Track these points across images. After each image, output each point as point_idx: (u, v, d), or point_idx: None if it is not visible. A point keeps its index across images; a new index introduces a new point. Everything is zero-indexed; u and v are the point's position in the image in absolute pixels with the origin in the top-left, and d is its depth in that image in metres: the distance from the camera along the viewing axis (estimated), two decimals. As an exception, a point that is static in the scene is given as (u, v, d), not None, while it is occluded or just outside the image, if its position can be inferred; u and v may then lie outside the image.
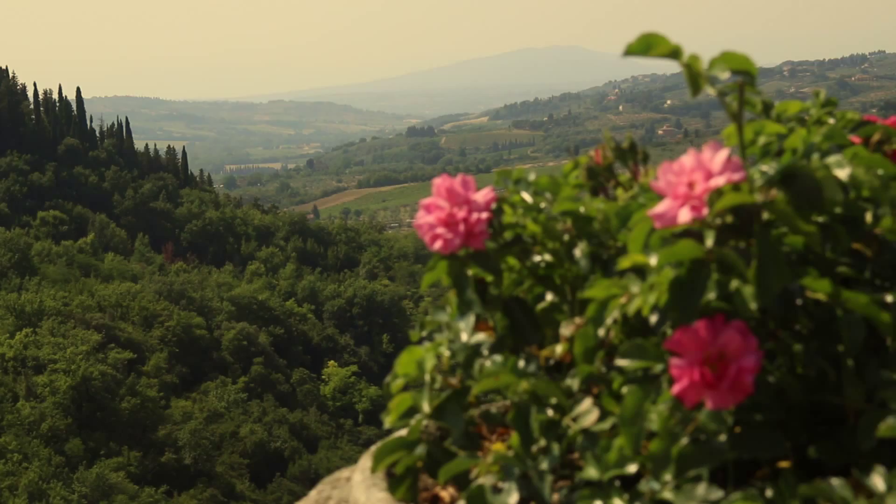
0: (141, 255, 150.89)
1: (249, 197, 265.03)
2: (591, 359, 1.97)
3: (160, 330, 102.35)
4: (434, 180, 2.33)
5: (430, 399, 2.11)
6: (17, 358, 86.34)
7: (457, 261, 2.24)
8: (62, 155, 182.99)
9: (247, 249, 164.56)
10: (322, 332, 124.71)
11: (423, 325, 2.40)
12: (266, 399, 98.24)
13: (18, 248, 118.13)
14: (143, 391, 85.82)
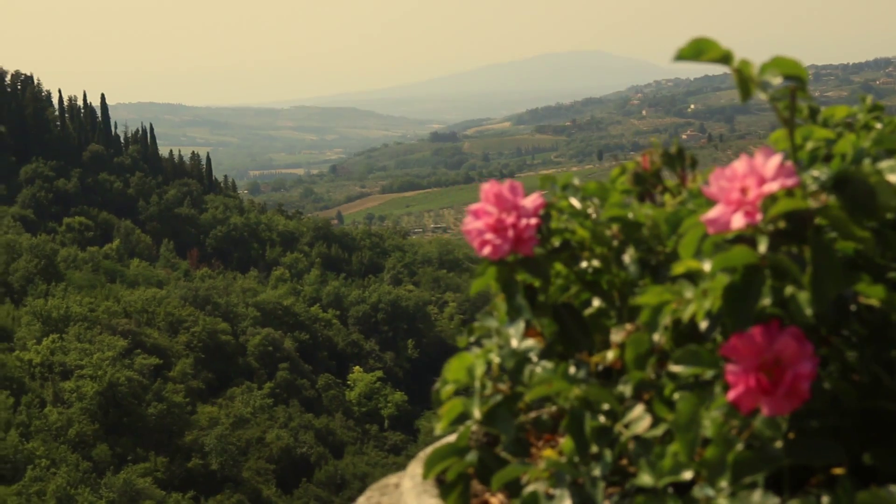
0: (166, 260, 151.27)
1: (273, 202, 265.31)
2: (642, 365, 1.96)
3: (186, 335, 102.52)
4: (482, 185, 2.26)
5: (480, 405, 2.09)
6: (44, 364, 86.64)
7: (506, 266, 2.21)
8: (87, 161, 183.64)
9: (271, 255, 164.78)
10: (347, 337, 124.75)
11: (471, 331, 2.40)
12: (292, 404, 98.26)
13: (45, 254, 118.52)
14: (169, 397, 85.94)
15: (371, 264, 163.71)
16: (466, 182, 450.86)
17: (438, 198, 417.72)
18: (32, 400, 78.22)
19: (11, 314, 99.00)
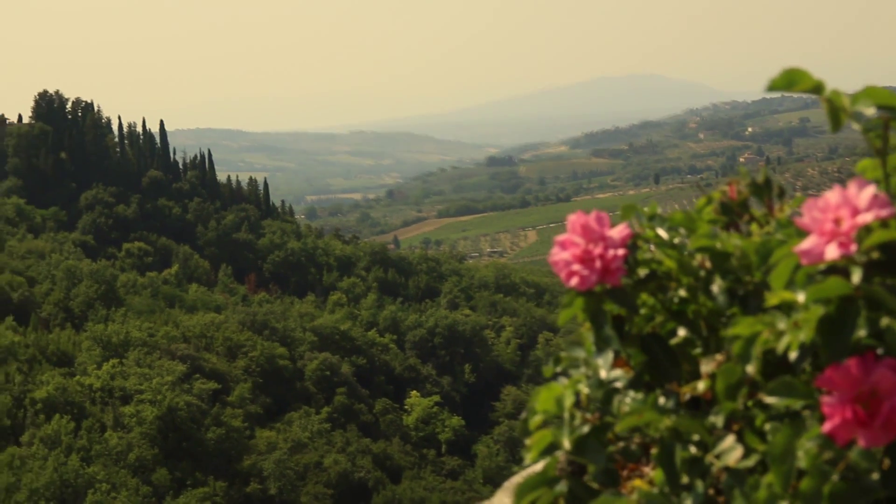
0: (224, 285, 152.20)
1: (330, 227, 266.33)
2: (734, 396, 1.96)
3: (244, 360, 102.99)
4: (569, 217, 2.29)
5: (570, 435, 2.10)
6: (104, 388, 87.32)
7: (593, 297, 2.23)
8: (146, 187, 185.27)
9: (328, 279, 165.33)
10: (404, 361, 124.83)
11: (557, 361, 2.37)
12: (349, 429, 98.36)
13: (105, 279, 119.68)
14: (227, 421, 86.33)
15: (428, 289, 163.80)
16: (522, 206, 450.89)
17: (495, 222, 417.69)
18: (93, 424, 78.82)
19: (72, 339, 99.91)
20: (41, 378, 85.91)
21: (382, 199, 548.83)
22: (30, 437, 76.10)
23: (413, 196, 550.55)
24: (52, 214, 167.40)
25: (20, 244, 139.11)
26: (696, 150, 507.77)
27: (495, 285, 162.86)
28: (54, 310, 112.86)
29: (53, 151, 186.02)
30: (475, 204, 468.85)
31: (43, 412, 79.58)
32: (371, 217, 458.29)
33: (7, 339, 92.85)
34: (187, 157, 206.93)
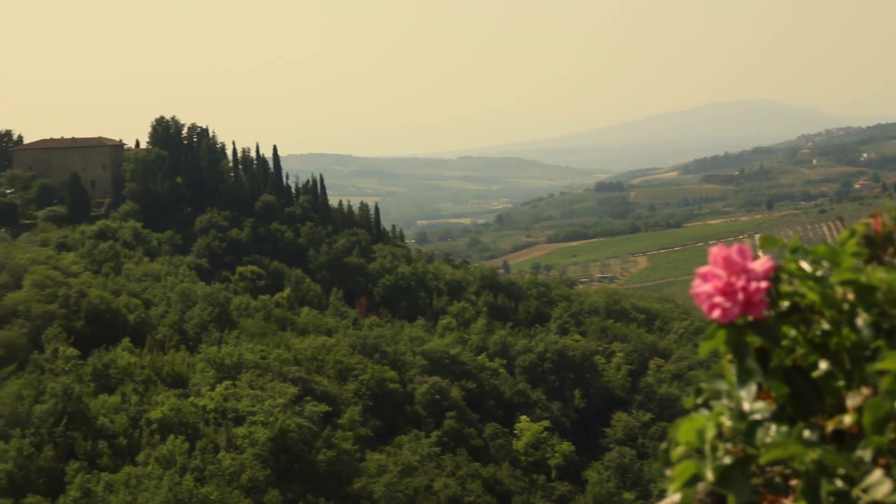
0: (335, 309, 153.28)
1: (440, 252, 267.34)
2: (881, 430, 1.96)
3: (355, 383, 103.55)
4: (710, 249, 2.25)
5: (712, 467, 2.11)
6: (217, 410, 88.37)
7: (735, 329, 2.22)
8: (259, 211, 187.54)
9: (438, 304, 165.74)
10: (514, 386, 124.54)
11: (699, 393, 2.39)
12: (459, 453, 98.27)
13: (218, 302, 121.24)
14: (338, 444, 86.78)
15: (537, 313, 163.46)
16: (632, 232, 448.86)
17: (604, 247, 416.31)
18: (207, 445, 79.76)
19: (187, 361, 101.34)
20: (156, 399, 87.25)
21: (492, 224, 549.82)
22: (145, 456, 77.25)
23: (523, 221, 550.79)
24: (168, 238, 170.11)
25: (137, 267, 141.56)
26: (810, 175, 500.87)
27: (605, 311, 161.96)
28: (169, 332, 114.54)
29: (169, 176, 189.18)
30: (585, 229, 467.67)
31: (158, 432, 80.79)
32: (481, 242, 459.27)
33: (123, 361, 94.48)
34: (299, 181, 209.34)
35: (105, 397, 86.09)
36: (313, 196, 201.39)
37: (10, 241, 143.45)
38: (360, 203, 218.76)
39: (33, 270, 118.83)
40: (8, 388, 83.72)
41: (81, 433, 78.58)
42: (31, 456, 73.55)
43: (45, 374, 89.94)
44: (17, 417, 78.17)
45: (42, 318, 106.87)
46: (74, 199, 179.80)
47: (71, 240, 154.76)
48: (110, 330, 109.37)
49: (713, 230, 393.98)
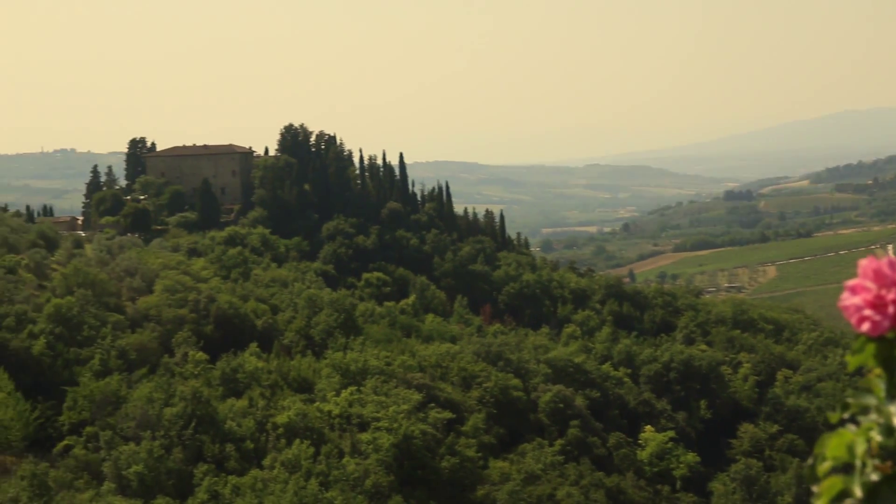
0: (460, 316, 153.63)
1: (565, 260, 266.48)
2: None
3: (478, 391, 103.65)
4: (860, 262, 2.22)
5: (861, 483, 2.06)
6: (342, 415, 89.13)
7: (885, 343, 2.19)
8: (385, 218, 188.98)
9: (563, 312, 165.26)
10: (638, 396, 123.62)
11: (845, 407, 2.33)
12: (583, 462, 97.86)
13: (344, 308, 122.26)
14: (462, 451, 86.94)
15: (663, 323, 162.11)
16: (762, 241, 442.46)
17: (732, 256, 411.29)
18: (332, 450, 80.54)
19: (313, 366, 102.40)
20: (283, 403, 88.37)
21: (618, 233, 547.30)
22: (271, 460, 78.27)
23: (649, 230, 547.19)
24: (295, 244, 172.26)
25: (264, 273, 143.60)
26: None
27: (733, 321, 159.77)
28: (296, 337, 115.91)
29: (297, 183, 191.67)
30: (712, 238, 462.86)
31: (284, 437, 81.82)
32: (606, 250, 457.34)
33: (251, 365, 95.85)
34: (425, 189, 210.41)
35: (233, 401, 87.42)
36: (439, 203, 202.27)
37: (142, 246, 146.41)
38: (486, 211, 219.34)
39: (164, 275, 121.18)
40: (139, 391, 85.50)
41: (209, 436, 79.88)
42: (161, 458, 74.99)
43: (175, 378, 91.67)
44: (148, 420, 79.77)
45: (172, 322, 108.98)
46: (205, 206, 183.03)
47: (201, 245, 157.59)
48: (238, 335, 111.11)
49: (845, 240, 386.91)
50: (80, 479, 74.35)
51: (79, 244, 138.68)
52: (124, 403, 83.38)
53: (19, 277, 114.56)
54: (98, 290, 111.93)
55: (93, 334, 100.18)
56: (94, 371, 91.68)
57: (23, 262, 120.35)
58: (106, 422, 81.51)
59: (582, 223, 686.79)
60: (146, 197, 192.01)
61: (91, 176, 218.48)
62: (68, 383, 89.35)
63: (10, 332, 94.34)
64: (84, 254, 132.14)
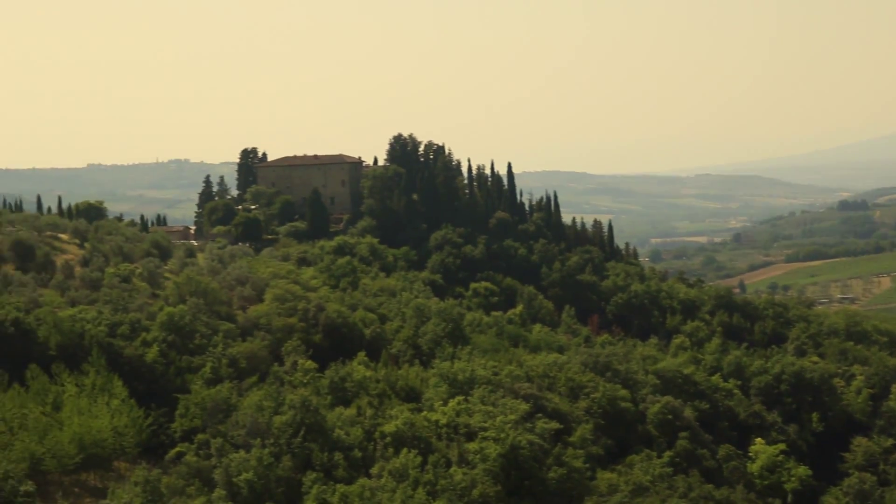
0: (567, 326, 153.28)
1: (674, 270, 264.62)
2: None
3: (586, 401, 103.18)
4: None
5: None
6: (450, 425, 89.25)
7: None
8: (493, 228, 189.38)
9: (672, 323, 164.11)
10: (748, 408, 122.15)
11: None
12: (691, 474, 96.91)
13: (452, 318, 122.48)
14: (569, 461, 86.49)
15: (774, 334, 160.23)
16: (876, 252, 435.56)
17: (846, 267, 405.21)
18: (439, 460, 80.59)
19: (420, 376, 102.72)
20: (390, 412, 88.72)
21: (728, 243, 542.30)
22: (379, 469, 78.56)
23: (760, 240, 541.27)
24: (404, 254, 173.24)
25: (373, 282, 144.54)
26: None
27: (846, 332, 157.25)
28: (403, 346, 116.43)
29: (406, 193, 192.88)
30: (825, 249, 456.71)
31: (392, 446, 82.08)
32: (716, 260, 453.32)
33: (359, 374, 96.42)
34: (533, 198, 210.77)
35: (341, 410, 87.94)
36: (547, 213, 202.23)
37: (253, 255, 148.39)
38: (594, 220, 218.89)
39: (274, 284, 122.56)
40: (249, 399, 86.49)
41: (318, 444, 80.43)
42: (271, 466, 75.66)
43: (285, 386, 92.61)
44: (258, 428, 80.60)
45: (282, 331, 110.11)
46: (314, 215, 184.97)
47: (310, 255, 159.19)
48: (347, 343, 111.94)
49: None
50: (192, 486, 75.36)
51: (191, 253, 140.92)
52: (235, 411, 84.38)
53: (133, 286, 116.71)
54: (210, 298, 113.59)
55: (204, 342, 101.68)
56: (205, 379, 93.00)
57: (137, 271, 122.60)
58: (217, 429, 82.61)
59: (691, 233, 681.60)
60: (257, 206, 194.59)
61: (203, 186, 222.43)
62: (180, 391, 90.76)
63: (125, 340, 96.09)
64: (196, 263, 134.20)
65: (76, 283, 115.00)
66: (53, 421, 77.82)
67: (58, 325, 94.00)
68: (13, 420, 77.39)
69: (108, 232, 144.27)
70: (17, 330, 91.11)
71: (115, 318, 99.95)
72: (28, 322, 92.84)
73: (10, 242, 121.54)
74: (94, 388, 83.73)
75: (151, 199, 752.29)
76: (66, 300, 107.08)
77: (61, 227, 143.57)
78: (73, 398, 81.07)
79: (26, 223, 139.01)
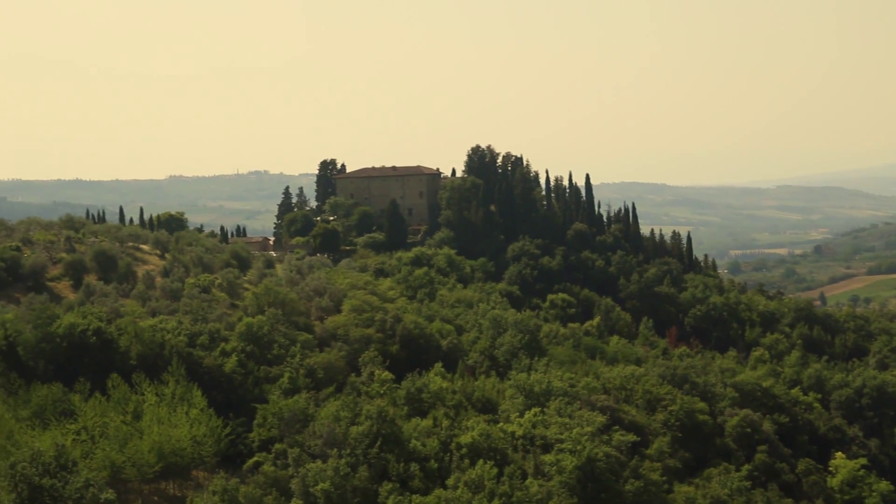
0: (645, 338, 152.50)
1: (754, 282, 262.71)
2: None
3: (663, 414, 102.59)
4: None
5: None
6: (526, 436, 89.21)
7: None
8: (571, 239, 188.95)
9: (751, 335, 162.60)
10: (829, 421, 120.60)
11: None
12: (770, 488, 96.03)
13: (528, 329, 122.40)
14: (646, 474, 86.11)
15: (855, 347, 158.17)
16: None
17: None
18: (515, 471, 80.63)
19: (496, 387, 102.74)
20: (466, 424, 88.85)
21: (809, 255, 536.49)
22: (455, 480, 78.73)
23: (842, 252, 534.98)
24: (481, 265, 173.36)
25: (450, 293, 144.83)
26: None
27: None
28: (480, 358, 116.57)
29: (483, 204, 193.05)
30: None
31: (468, 457, 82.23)
32: (796, 273, 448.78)
33: (436, 385, 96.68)
34: (611, 210, 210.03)
35: (417, 421, 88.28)
36: (625, 225, 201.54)
37: (331, 266, 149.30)
38: (673, 232, 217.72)
39: (352, 295, 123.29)
40: (327, 409, 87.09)
41: (394, 455, 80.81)
42: (347, 476, 76.16)
43: (362, 397, 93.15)
44: (335, 438, 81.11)
45: (359, 341, 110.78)
46: (392, 226, 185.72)
47: (388, 266, 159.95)
48: (423, 354, 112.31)
49: None
50: (269, 496, 76.09)
51: (270, 264, 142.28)
52: (312, 421, 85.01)
53: (213, 296, 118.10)
54: (288, 309, 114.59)
55: (282, 353, 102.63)
56: (283, 389, 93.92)
57: (216, 282, 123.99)
58: (294, 439, 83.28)
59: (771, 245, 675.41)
60: (335, 218, 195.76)
61: (283, 197, 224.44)
62: (258, 401, 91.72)
63: (204, 350, 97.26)
64: (275, 273, 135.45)
65: (157, 294, 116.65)
66: (134, 430, 78.98)
67: (139, 334, 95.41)
68: (95, 428, 78.71)
69: (189, 243, 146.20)
70: (99, 340, 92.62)
71: (194, 328, 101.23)
72: (110, 332, 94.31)
73: (93, 253, 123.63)
74: (173, 397, 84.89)
75: (231, 211, 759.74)
76: (146, 310, 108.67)
77: (143, 238, 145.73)
78: (153, 407, 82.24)
79: (109, 234, 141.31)
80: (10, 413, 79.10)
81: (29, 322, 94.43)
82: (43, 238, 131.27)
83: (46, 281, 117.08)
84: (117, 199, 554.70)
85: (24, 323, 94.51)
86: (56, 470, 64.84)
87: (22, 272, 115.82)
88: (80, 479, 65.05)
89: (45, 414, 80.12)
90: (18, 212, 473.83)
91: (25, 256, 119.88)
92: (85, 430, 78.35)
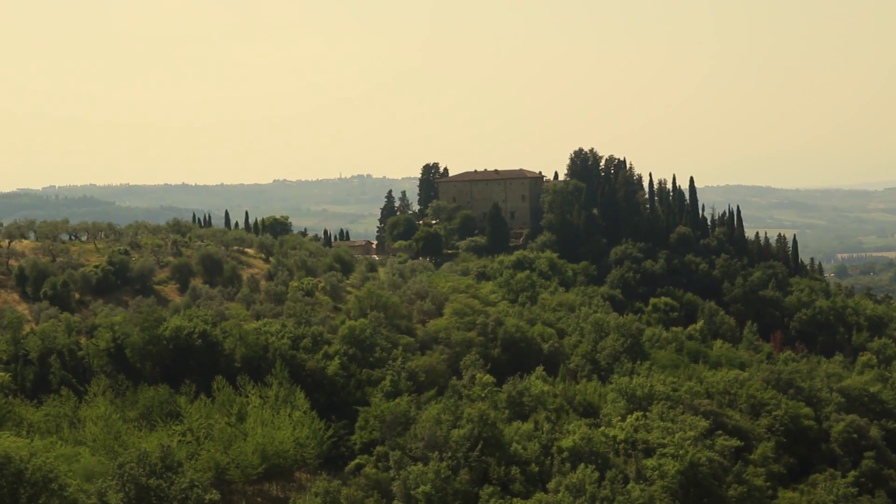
0: (749, 342, 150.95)
1: (861, 286, 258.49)
2: None
3: (768, 419, 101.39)
4: None
5: None
6: (627, 440, 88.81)
7: None
8: (674, 243, 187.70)
9: (858, 340, 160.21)
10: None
11: None
12: (878, 495, 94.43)
13: (631, 333, 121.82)
14: (750, 480, 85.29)
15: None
16: None
17: None
18: (616, 476, 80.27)
19: (598, 391, 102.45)
20: (568, 427, 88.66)
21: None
22: (556, 484, 78.60)
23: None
24: (583, 269, 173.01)
25: (552, 297, 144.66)
26: None
27: None
28: (581, 361, 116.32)
29: (586, 207, 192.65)
30: None
31: (569, 461, 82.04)
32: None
33: (537, 389, 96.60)
34: (715, 213, 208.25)
35: (518, 424, 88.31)
36: (729, 228, 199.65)
37: (433, 269, 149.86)
38: (778, 235, 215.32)
39: (454, 299, 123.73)
40: (428, 412, 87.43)
41: (495, 458, 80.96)
42: (448, 479, 76.45)
43: (463, 400, 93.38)
44: (436, 441, 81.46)
45: (461, 344, 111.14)
46: (494, 230, 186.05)
47: (490, 269, 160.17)
48: (524, 358, 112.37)
49: None
50: (371, 498, 76.70)
51: (372, 267, 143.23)
52: (413, 424, 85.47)
53: (316, 300, 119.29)
54: (390, 312, 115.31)
55: (384, 356, 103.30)
56: (384, 392, 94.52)
57: (320, 285, 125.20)
58: (395, 442, 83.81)
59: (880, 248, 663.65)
60: (438, 221, 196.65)
61: (385, 201, 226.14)
62: (360, 403, 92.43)
63: (307, 353, 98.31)
64: (377, 277, 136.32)
65: (261, 297, 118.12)
66: (238, 431, 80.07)
67: (243, 337, 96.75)
68: (200, 430, 79.94)
69: (293, 246, 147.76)
70: (205, 342, 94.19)
71: (297, 331, 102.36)
72: (215, 335, 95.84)
73: (199, 257, 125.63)
74: (277, 399, 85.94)
75: (334, 214, 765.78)
76: (251, 313, 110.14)
77: (248, 241, 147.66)
78: (257, 409, 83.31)
79: (214, 238, 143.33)
80: (118, 414, 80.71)
81: (136, 325, 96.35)
82: (150, 242, 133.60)
83: (154, 284, 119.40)
84: (223, 204, 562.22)
85: (131, 325, 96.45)
86: (162, 470, 65.88)
87: (130, 275, 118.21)
88: (186, 480, 66.05)
89: (152, 415, 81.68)
90: (127, 216, 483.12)
91: (133, 260, 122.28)
92: (190, 431, 79.62)
